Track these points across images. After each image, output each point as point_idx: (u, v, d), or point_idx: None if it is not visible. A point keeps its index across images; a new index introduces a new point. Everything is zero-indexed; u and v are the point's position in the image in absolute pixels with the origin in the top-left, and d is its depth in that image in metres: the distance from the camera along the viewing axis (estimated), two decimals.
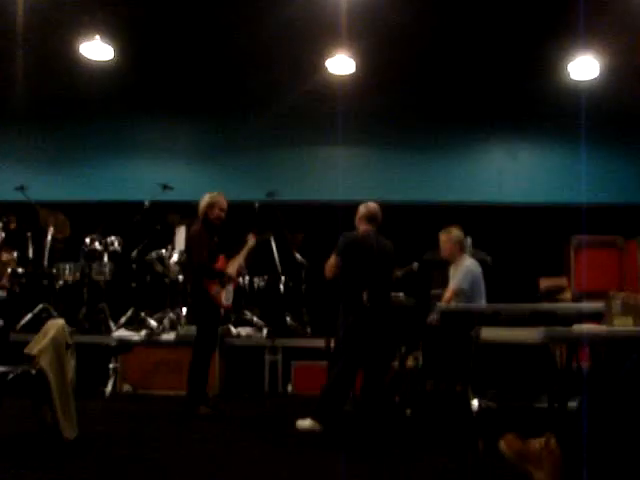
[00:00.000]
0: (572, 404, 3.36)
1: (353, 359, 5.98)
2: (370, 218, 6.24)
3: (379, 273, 6.04)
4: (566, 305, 7.03)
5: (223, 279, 6.75)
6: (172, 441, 5.60)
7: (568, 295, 8.64)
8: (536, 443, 2.83)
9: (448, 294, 6.73)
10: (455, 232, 7.01)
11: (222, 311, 7.07)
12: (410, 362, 6.85)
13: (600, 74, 9.50)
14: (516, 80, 9.91)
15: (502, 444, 2.98)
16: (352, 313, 6.01)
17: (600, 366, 3.34)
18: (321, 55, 9.37)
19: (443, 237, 7.04)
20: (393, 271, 6.28)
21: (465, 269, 6.78)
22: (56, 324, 5.13)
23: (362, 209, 6.30)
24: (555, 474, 2.74)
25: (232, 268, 6.94)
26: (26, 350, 4.91)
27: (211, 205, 6.73)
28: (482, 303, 6.78)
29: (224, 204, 6.79)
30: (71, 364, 5.19)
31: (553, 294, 8.28)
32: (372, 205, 6.33)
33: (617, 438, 2.64)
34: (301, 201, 10.29)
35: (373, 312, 5.97)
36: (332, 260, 6.14)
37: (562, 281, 9.11)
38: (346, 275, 6.09)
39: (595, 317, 5.54)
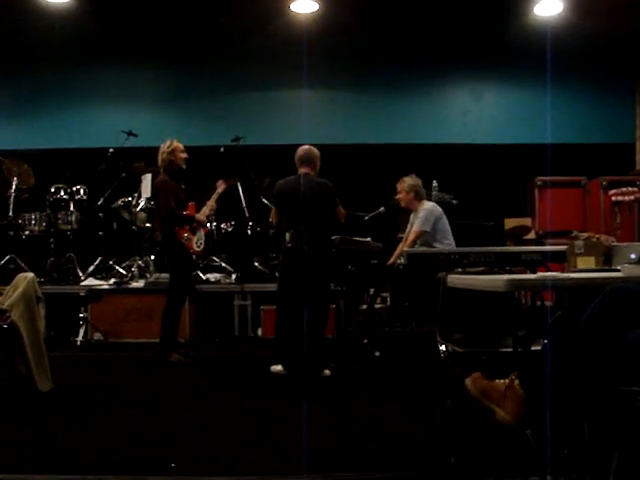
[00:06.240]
0: (536, 347, 3.47)
1: (283, 301, 6.09)
2: (303, 160, 6.21)
3: (308, 214, 5.97)
4: (530, 247, 7.12)
5: (192, 225, 6.77)
6: (146, 389, 5.65)
7: (533, 236, 8.77)
8: (500, 383, 2.96)
9: (412, 236, 6.80)
10: (408, 181, 7.02)
11: (194, 257, 7.11)
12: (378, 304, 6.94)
13: (564, 10, 9.45)
14: (481, 19, 9.82)
15: (468, 382, 3.11)
16: (280, 255, 6.24)
17: (563, 310, 3.44)
18: None
19: (398, 187, 7.07)
20: (333, 210, 6.21)
21: (425, 212, 6.83)
22: (26, 277, 5.12)
23: (297, 152, 6.28)
24: (516, 413, 2.88)
25: (202, 214, 6.96)
26: None
27: (171, 151, 6.72)
28: (450, 241, 6.86)
29: (182, 147, 6.82)
30: (42, 317, 5.17)
31: (518, 235, 8.41)
32: (306, 147, 6.29)
33: (579, 380, 2.75)
34: (267, 145, 10.23)
35: (300, 253, 5.95)
36: (273, 208, 6.37)
37: (527, 221, 9.24)
38: (279, 219, 6.26)
39: (558, 258, 5.67)
